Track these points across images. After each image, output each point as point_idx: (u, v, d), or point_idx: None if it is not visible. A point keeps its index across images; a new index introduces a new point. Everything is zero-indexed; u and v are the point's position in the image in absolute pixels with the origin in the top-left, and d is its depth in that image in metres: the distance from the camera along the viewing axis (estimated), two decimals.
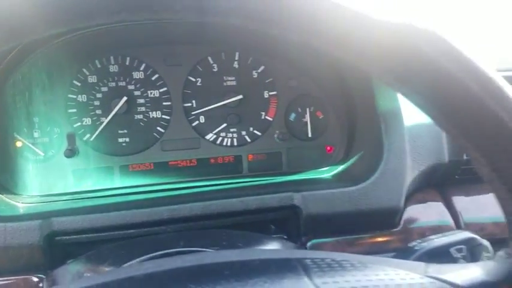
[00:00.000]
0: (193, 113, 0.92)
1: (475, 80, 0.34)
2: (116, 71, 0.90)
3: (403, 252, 0.56)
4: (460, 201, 0.83)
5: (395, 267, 0.40)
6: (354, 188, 0.79)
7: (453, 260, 0.52)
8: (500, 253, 0.41)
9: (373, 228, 0.80)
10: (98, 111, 0.90)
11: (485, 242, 0.53)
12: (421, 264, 0.42)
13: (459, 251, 0.52)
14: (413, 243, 0.57)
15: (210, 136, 0.93)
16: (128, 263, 0.53)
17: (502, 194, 0.38)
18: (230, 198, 0.78)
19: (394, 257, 0.48)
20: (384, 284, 0.38)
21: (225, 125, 0.92)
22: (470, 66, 0.34)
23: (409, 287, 0.38)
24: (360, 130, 0.90)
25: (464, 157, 0.85)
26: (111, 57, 0.90)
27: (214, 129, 0.92)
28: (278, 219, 0.82)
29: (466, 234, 0.55)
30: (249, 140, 0.94)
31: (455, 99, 0.35)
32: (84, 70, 0.90)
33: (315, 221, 0.79)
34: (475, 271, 0.40)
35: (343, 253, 0.43)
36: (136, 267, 0.44)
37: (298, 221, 0.79)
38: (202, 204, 0.77)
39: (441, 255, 0.53)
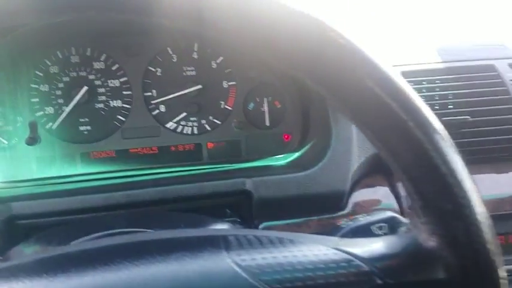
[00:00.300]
0: (153, 102, 0.94)
1: (362, 67, 0.38)
2: (77, 61, 0.93)
3: (333, 230, 0.60)
4: None
5: (308, 242, 0.44)
6: (302, 173, 0.83)
7: (374, 237, 0.57)
8: (402, 228, 0.46)
9: (322, 211, 0.84)
10: (60, 101, 0.93)
11: (406, 220, 0.57)
12: (335, 239, 0.46)
13: (380, 228, 0.57)
14: (342, 222, 0.61)
15: (170, 125, 0.96)
16: (73, 242, 0.57)
17: (399, 175, 0.42)
18: (185, 184, 0.82)
19: (325, 235, 0.52)
20: (292, 255, 0.42)
21: (185, 114, 0.95)
22: (362, 58, 0.38)
23: (314, 256, 0.42)
24: (313, 119, 0.94)
25: None
26: (72, 48, 0.92)
27: (175, 118, 0.95)
28: (232, 204, 0.86)
29: (388, 214, 0.59)
30: (209, 128, 0.97)
31: (348, 88, 0.39)
32: (46, 60, 0.92)
33: (266, 205, 0.83)
34: (377, 244, 0.44)
35: (264, 230, 0.47)
36: (74, 245, 0.48)
37: (250, 205, 0.83)
38: (158, 189, 0.81)
39: (363, 232, 0.57)
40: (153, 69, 0.94)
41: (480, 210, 0.40)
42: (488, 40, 1.03)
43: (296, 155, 0.95)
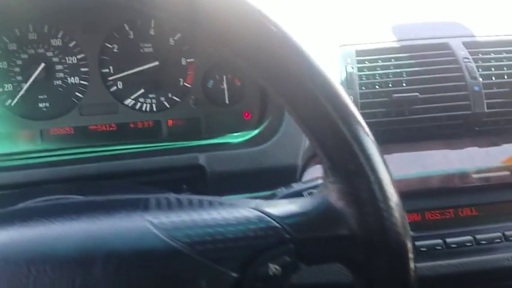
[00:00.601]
0: (110, 78, 0.95)
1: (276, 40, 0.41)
2: (35, 38, 0.93)
3: (268, 197, 0.62)
4: None
5: (227, 203, 0.46)
6: (255, 148, 0.85)
7: None
8: (315, 190, 0.48)
9: (275, 186, 0.86)
10: (19, 78, 0.93)
11: None
12: (256, 201, 0.48)
13: (311, 194, 0.59)
14: (278, 189, 0.63)
15: (128, 101, 0.96)
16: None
17: (310, 139, 0.44)
18: (138, 159, 0.83)
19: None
20: (207, 213, 0.43)
21: (142, 90, 0.96)
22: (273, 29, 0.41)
23: (228, 214, 0.43)
24: (270, 97, 0.95)
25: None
26: (30, 25, 0.93)
27: (133, 95, 0.96)
28: (189, 179, 0.88)
29: (319, 181, 0.61)
30: (168, 105, 0.98)
31: (263, 58, 0.42)
32: (4, 38, 0.92)
33: (220, 180, 0.85)
34: (292, 204, 0.46)
35: (189, 194, 0.48)
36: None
37: (205, 180, 0.85)
38: (110, 163, 0.82)
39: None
40: (109, 46, 0.95)
41: (381, 170, 0.42)
42: (443, 18, 1.05)
43: (255, 132, 0.96)
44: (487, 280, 0.90)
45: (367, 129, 0.44)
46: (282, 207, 0.45)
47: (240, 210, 0.44)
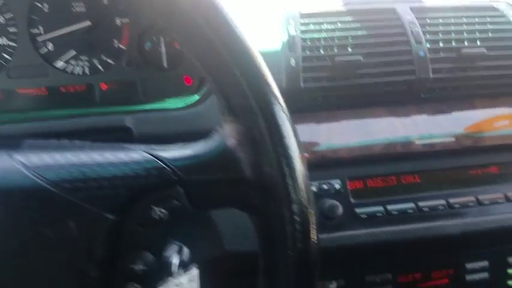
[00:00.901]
0: (39, 39, 0.89)
1: None
2: None
3: None
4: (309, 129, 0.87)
5: (113, 146, 0.42)
6: (186, 111, 0.81)
7: None
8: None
9: None
10: None
11: None
12: (151, 145, 0.44)
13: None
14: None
15: (59, 64, 0.91)
16: None
17: (206, 75, 0.41)
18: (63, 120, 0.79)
19: None
20: (86, 154, 0.39)
21: (74, 52, 0.91)
22: None
23: (112, 155, 0.40)
24: None
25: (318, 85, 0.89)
26: None
27: (64, 57, 0.91)
28: (116, 141, 0.83)
29: None
30: (101, 68, 0.93)
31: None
32: None
33: (148, 142, 0.80)
34: (186, 148, 0.42)
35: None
36: None
37: (133, 142, 0.80)
38: (32, 124, 0.77)
39: None
40: (39, 5, 0.89)
41: (276, 107, 0.39)
42: None
43: (195, 97, 0.92)
44: (428, 247, 0.89)
45: (264, 67, 0.41)
46: (175, 151, 0.42)
47: (128, 153, 0.41)
